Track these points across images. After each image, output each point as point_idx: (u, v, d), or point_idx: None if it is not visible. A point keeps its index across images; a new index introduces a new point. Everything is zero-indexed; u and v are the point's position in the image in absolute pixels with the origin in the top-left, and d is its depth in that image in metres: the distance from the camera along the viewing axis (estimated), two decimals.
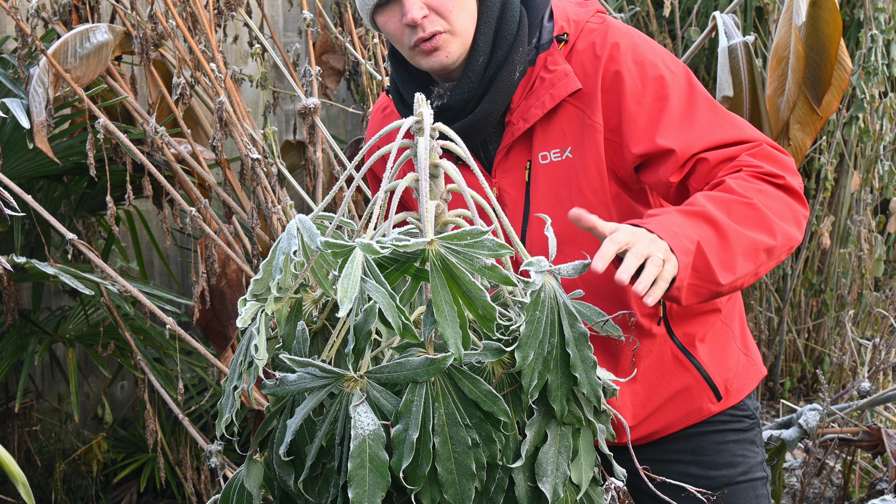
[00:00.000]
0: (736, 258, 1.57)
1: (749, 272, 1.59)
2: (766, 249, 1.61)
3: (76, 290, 2.62)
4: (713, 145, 1.68)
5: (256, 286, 1.26)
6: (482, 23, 1.72)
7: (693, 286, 1.53)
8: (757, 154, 1.68)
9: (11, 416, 3.53)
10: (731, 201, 1.60)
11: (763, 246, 1.60)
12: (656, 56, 1.72)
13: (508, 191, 1.77)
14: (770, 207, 1.62)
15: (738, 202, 1.60)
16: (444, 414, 1.20)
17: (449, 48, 1.70)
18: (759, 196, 1.62)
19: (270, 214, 2.85)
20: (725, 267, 1.55)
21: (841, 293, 4.29)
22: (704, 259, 1.53)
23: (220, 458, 2.46)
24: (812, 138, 2.66)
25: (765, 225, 1.61)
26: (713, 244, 1.54)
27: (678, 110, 1.69)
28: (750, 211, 1.60)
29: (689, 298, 1.53)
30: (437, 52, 1.70)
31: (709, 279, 1.54)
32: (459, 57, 1.72)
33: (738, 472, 1.86)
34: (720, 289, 1.55)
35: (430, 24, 1.68)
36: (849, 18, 4.12)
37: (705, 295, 1.56)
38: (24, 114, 2.67)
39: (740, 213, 1.60)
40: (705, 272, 1.53)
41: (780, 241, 1.62)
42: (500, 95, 1.71)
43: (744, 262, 1.58)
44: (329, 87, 3.60)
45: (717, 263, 1.54)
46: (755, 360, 1.90)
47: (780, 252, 1.63)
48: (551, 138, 1.73)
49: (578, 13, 1.76)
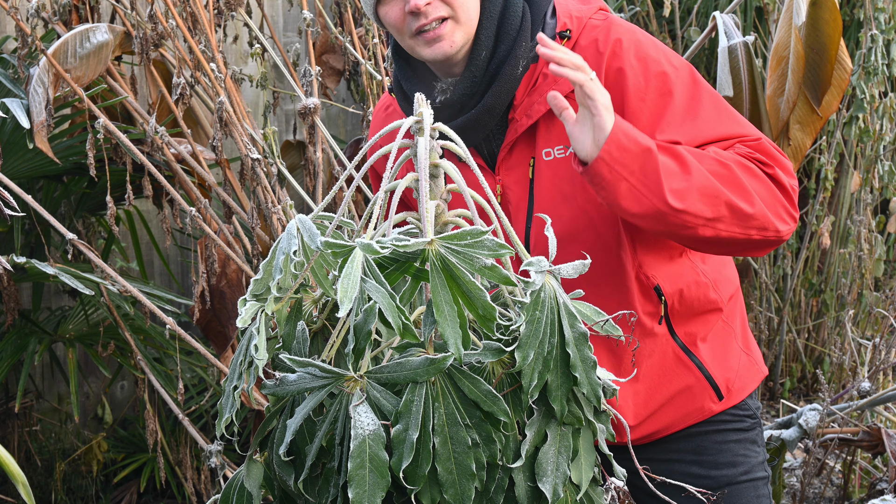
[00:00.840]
0: (691, 190, 1.56)
1: (704, 216, 1.58)
2: (730, 205, 1.59)
3: (76, 290, 2.62)
4: (714, 139, 1.69)
5: (256, 286, 1.26)
6: (485, 17, 1.72)
7: (635, 189, 1.54)
8: (753, 146, 1.69)
9: (11, 416, 3.54)
10: (705, 155, 1.62)
11: (726, 198, 1.59)
12: (659, 52, 1.73)
13: (512, 188, 1.77)
14: (748, 181, 1.62)
15: (712, 158, 1.62)
16: (444, 414, 1.20)
17: (454, 36, 1.69)
18: (739, 167, 1.63)
19: (270, 214, 2.85)
20: (677, 193, 1.55)
21: (841, 293, 4.30)
22: (654, 166, 1.54)
23: (220, 458, 2.46)
24: (812, 138, 2.66)
25: (736, 185, 1.61)
26: (670, 167, 1.56)
27: (681, 107, 1.69)
28: (722, 168, 1.61)
29: (627, 199, 1.55)
30: (441, 42, 1.69)
31: (655, 192, 1.54)
32: (462, 47, 1.71)
33: (740, 471, 1.86)
34: (665, 209, 1.55)
35: (434, 10, 1.67)
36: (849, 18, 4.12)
37: (647, 207, 1.56)
38: (24, 114, 2.67)
39: (712, 165, 1.60)
40: (653, 180, 1.54)
41: (750, 208, 1.61)
42: (503, 90, 1.71)
43: (699, 200, 1.57)
44: (329, 87, 3.60)
45: (668, 182, 1.55)
46: (756, 360, 1.90)
47: (749, 223, 1.62)
48: (555, 135, 1.74)
49: (581, 10, 1.76)
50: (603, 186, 1.56)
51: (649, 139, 1.58)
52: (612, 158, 1.52)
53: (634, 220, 1.61)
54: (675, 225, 1.58)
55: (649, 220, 1.58)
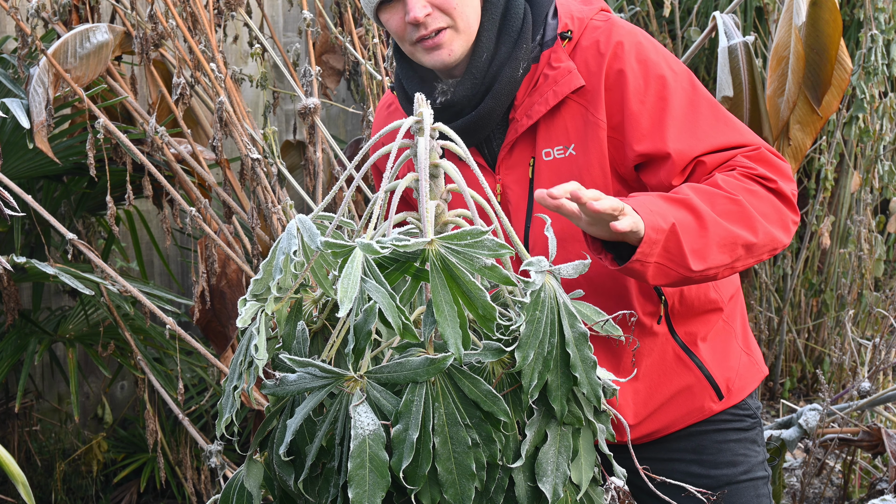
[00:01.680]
0: (710, 247, 1.58)
1: (724, 264, 1.61)
2: (745, 245, 1.62)
3: (76, 290, 2.62)
4: (712, 149, 1.69)
5: (256, 286, 1.26)
6: (486, 19, 1.72)
7: (662, 266, 1.55)
8: (753, 157, 1.69)
9: (11, 416, 3.53)
10: (715, 194, 1.62)
11: (742, 241, 1.61)
12: (659, 56, 1.73)
13: (512, 187, 1.77)
14: (755, 206, 1.64)
15: (722, 196, 1.62)
16: (444, 414, 1.20)
17: (452, 45, 1.70)
18: (745, 194, 1.64)
19: (270, 214, 2.85)
20: (698, 255, 1.57)
21: (841, 293, 4.30)
22: (677, 241, 1.55)
23: (220, 458, 2.46)
24: (812, 138, 2.66)
25: (747, 221, 1.62)
26: (689, 229, 1.56)
27: (680, 111, 1.70)
28: (733, 206, 1.62)
29: (656, 278, 1.56)
30: (440, 50, 1.70)
31: (679, 262, 1.56)
32: (462, 54, 1.72)
33: (740, 471, 1.86)
34: (690, 274, 1.58)
35: (434, 21, 1.68)
36: (849, 18, 4.12)
37: (674, 278, 1.58)
38: (24, 114, 2.67)
39: (723, 206, 1.61)
40: (677, 254, 1.55)
41: (761, 239, 1.63)
42: (503, 92, 1.72)
43: (719, 252, 1.59)
44: (329, 87, 3.60)
45: (689, 248, 1.56)
46: (757, 360, 1.91)
47: (762, 251, 1.65)
48: (555, 135, 1.74)
49: (583, 11, 1.76)
50: (632, 274, 1.58)
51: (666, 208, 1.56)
52: (644, 255, 1.53)
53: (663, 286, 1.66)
54: (699, 280, 1.62)
55: (675, 285, 1.63)
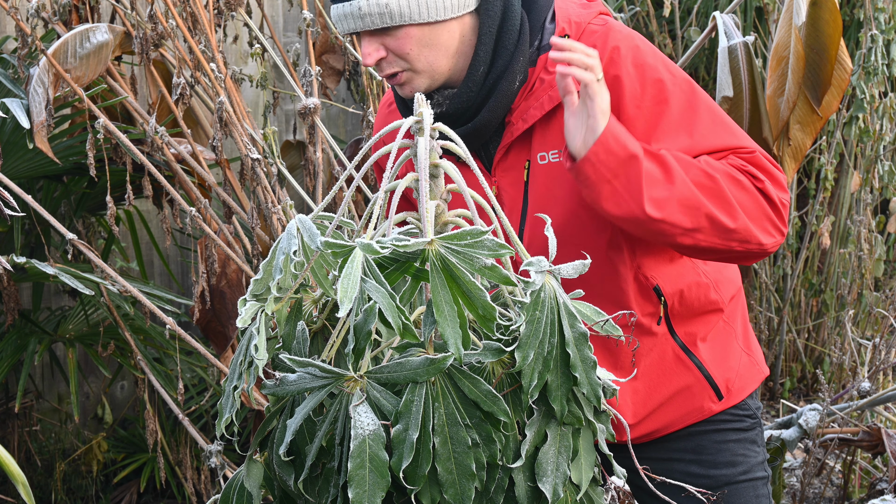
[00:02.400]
0: (671, 201, 1.58)
1: (682, 226, 1.59)
2: (710, 217, 1.60)
3: (76, 290, 2.62)
4: (709, 150, 1.69)
5: (256, 286, 1.26)
6: (483, 33, 1.71)
7: (616, 191, 1.56)
8: (747, 159, 1.69)
9: (11, 416, 3.54)
10: (693, 164, 1.62)
11: (707, 210, 1.60)
12: (657, 60, 1.72)
13: (507, 190, 1.77)
14: (734, 193, 1.63)
15: (700, 168, 1.62)
16: (444, 414, 1.20)
17: (413, 83, 1.72)
18: (726, 178, 1.63)
19: (270, 214, 2.85)
20: (656, 203, 1.57)
21: (841, 293, 4.30)
22: (637, 172, 1.55)
23: (220, 458, 2.46)
24: (812, 138, 2.66)
25: (719, 197, 1.61)
26: (654, 175, 1.57)
27: (677, 116, 1.69)
28: (707, 180, 1.61)
29: (608, 202, 1.57)
30: (402, 87, 1.73)
31: (635, 197, 1.56)
32: (430, 87, 1.73)
33: (739, 471, 1.86)
34: (641, 216, 1.57)
35: (389, 66, 1.71)
36: (849, 18, 4.12)
37: (626, 212, 1.58)
38: (24, 114, 2.67)
39: (697, 176, 1.61)
40: (634, 186, 1.55)
41: (736, 223, 1.62)
42: (499, 105, 1.72)
43: (679, 210, 1.59)
44: (329, 87, 3.60)
45: (648, 188, 1.56)
46: (757, 360, 1.90)
47: (731, 236, 1.63)
48: (550, 139, 1.74)
49: (581, 14, 1.76)
50: (587, 185, 1.58)
51: (639, 146, 1.59)
52: (598, 160, 1.54)
53: (614, 221, 1.63)
54: (653, 232, 1.61)
55: (627, 223, 1.61)
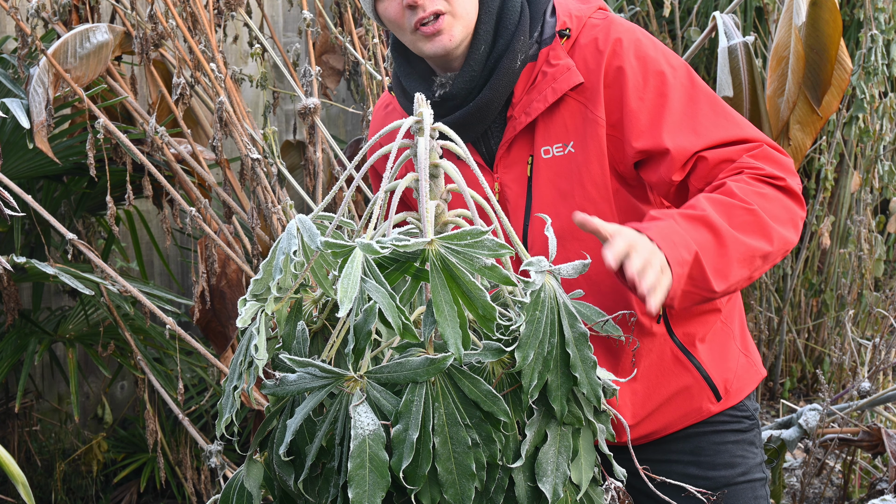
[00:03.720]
0: (731, 265, 1.59)
1: (743, 277, 1.62)
2: (763, 255, 1.63)
3: (76, 290, 2.62)
4: (713, 144, 1.69)
5: (256, 286, 1.26)
6: (484, 12, 1.73)
7: (687, 292, 1.56)
8: (757, 155, 1.69)
9: (11, 416, 3.53)
10: (731, 206, 1.62)
11: (760, 253, 1.63)
12: (658, 52, 1.73)
13: (510, 186, 1.77)
14: (769, 212, 1.64)
15: (738, 207, 1.62)
16: (444, 414, 1.20)
17: (452, 30, 1.70)
18: (759, 200, 1.64)
19: (270, 214, 2.85)
20: (720, 275, 1.58)
21: (841, 293, 4.29)
22: (700, 268, 1.56)
23: (220, 458, 2.46)
24: (812, 138, 2.66)
25: (763, 231, 1.63)
26: (710, 252, 1.57)
27: (679, 107, 1.70)
28: (750, 217, 1.62)
29: (682, 303, 1.57)
30: (441, 36, 1.70)
31: (703, 286, 1.57)
32: (462, 41, 1.72)
33: (737, 472, 1.86)
34: (714, 295, 1.59)
35: (431, 3, 1.68)
36: (849, 18, 4.12)
37: (698, 300, 1.60)
38: (24, 114, 2.67)
39: (740, 218, 1.61)
40: (700, 280, 1.56)
41: (776, 246, 1.64)
42: (501, 83, 1.72)
43: (739, 268, 1.61)
44: (329, 87, 3.60)
45: (712, 271, 1.57)
46: (755, 361, 1.90)
47: (776, 256, 1.66)
48: (553, 133, 1.74)
49: (581, 9, 1.77)
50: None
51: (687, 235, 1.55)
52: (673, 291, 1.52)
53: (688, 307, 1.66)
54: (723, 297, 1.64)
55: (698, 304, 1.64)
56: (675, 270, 1.51)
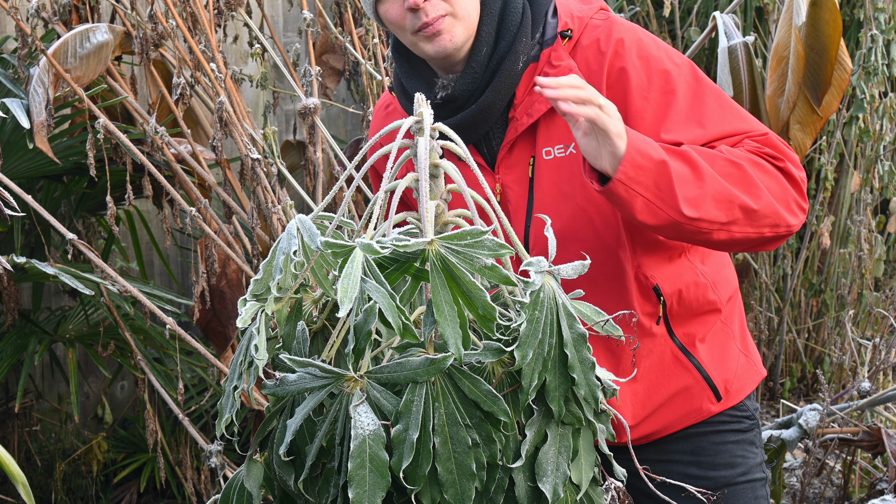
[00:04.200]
0: (705, 198, 1.57)
1: (718, 221, 1.59)
2: (743, 207, 1.60)
3: (76, 290, 2.62)
4: (719, 136, 1.69)
5: (256, 286, 1.26)
6: (485, 13, 1.73)
7: (650, 203, 1.54)
8: (761, 141, 1.69)
9: (11, 416, 3.54)
10: (717, 156, 1.62)
11: (740, 202, 1.60)
12: (660, 51, 1.73)
13: (512, 187, 1.77)
14: (760, 178, 1.63)
15: (724, 159, 1.62)
16: (444, 414, 1.20)
17: (453, 31, 1.70)
18: (749, 164, 1.63)
19: (270, 214, 2.85)
20: (691, 202, 1.56)
21: (841, 293, 4.29)
22: (668, 179, 1.54)
23: (220, 458, 2.46)
24: (812, 138, 2.66)
25: (748, 185, 1.61)
26: (683, 175, 1.56)
27: (684, 105, 1.69)
28: (734, 169, 1.61)
29: (643, 213, 1.56)
30: (441, 36, 1.69)
31: (670, 203, 1.55)
32: (463, 42, 1.71)
33: (738, 472, 1.86)
34: (681, 219, 1.57)
35: (433, 9, 1.68)
36: (849, 18, 4.12)
37: (663, 219, 1.57)
38: (24, 114, 2.67)
39: (724, 168, 1.61)
40: (667, 193, 1.55)
41: (762, 207, 1.62)
42: (503, 85, 1.72)
43: (714, 206, 1.58)
44: (329, 87, 3.60)
45: (681, 190, 1.55)
46: (755, 362, 1.90)
47: (762, 222, 1.63)
48: (555, 134, 1.74)
49: (582, 10, 1.77)
50: (619, 204, 1.57)
51: (661, 150, 1.57)
52: (628, 178, 1.52)
53: (652, 230, 1.63)
54: (691, 232, 1.60)
55: (665, 230, 1.60)
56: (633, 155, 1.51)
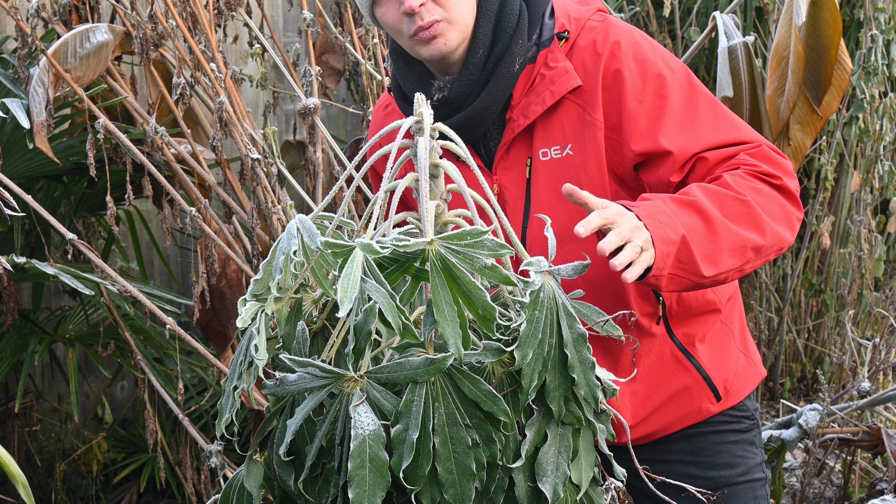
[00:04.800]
0: (721, 253, 1.59)
1: (734, 268, 1.61)
2: (755, 248, 1.62)
3: (76, 290, 2.62)
4: (713, 145, 1.69)
5: (256, 286, 1.26)
6: (482, 15, 1.73)
7: (674, 276, 1.55)
8: (756, 154, 1.69)
9: (11, 416, 3.54)
10: (724, 196, 1.62)
11: (751, 244, 1.62)
12: (657, 55, 1.73)
13: (509, 188, 1.77)
14: (763, 206, 1.64)
15: (731, 197, 1.62)
16: (444, 414, 1.20)
17: (448, 35, 1.70)
18: (753, 194, 1.63)
19: (270, 214, 2.85)
20: (709, 261, 1.57)
21: (841, 293, 4.29)
22: (689, 251, 1.55)
23: (220, 458, 2.46)
24: (812, 138, 2.66)
25: (756, 223, 1.62)
26: (700, 236, 1.56)
27: (678, 109, 1.69)
28: (742, 207, 1.62)
29: (669, 286, 1.57)
30: (436, 40, 1.70)
31: (692, 271, 1.56)
32: (458, 46, 1.72)
33: (737, 472, 1.86)
34: (702, 280, 1.58)
35: (428, 13, 1.68)
36: (849, 18, 4.12)
37: (686, 285, 1.58)
38: (24, 114, 2.67)
39: (732, 208, 1.61)
40: (689, 263, 1.55)
41: (769, 240, 1.64)
42: (499, 87, 1.72)
43: (730, 257, 1.60)
44: (329, 87, 3.60)
45: (701, 256, 1.56)
46: (755, 362, 1.90)
47: (769, 251, 1.65)
48: (552, 135, 1.74)
49: (580, 11, 1.77)
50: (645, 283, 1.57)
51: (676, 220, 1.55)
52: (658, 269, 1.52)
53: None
54: (710, 285, 1.62)
55: (687, 290, 1.63)
56: (660, 248, 1.50)
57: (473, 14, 1.73)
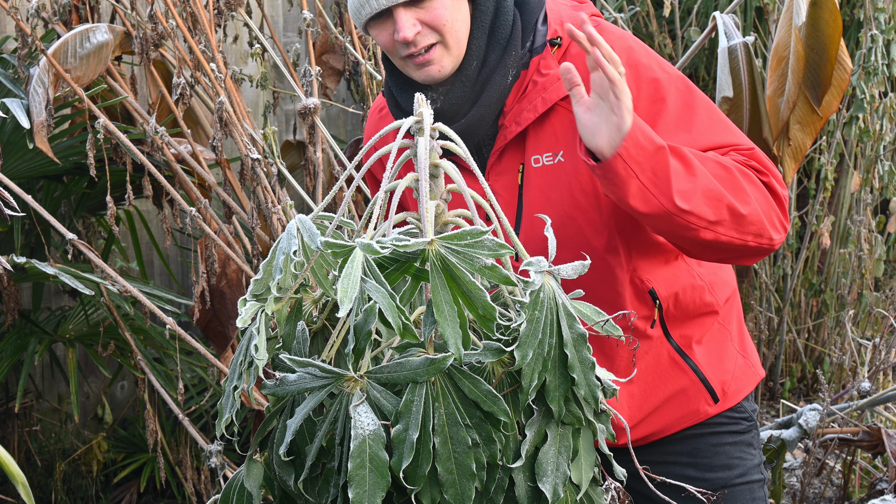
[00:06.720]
0: (696, 193, 1.56)
1: (706, 219, 1.58)
2: (731, 209, 1.60)
3: (76, 290, 2.62)
4: (707, 147, 1.69)
5: (256, 286, 1.26)
6: (475, 27, 1.71)
7: (645, 189, 1.53)
8: (748, 155, 1.69)
9: (11, 416, 3.54)
10: (707, 158, 1.62)
11: (728, 202, 1.59)
12: (651, 59, 1.72)
13: (501, 193, 1.77)
14: (748, 186, 1.63)
15: (714, 161, 1.62)
16: (444, 414, 1.20)
17: (442, 61, 1.69)
18: (739, 172, 1.63)
19: (270, 214, 2.85)
20: (684, 195, 1.55)
21: (841, 293, 4.30)
22: (665, 167, 1.53)
23: (220, 458, 2.46)
24: (812, 138, 2.66)
25: (737, 190, 1.61)
26: (678, 170, 1.55)
27: (674, 114, 1.69)
28: (724, 172, 1.61)
29: (635, 198, 1.54)
30: (430, 66, 1.69)
31: (663, 191, 1.54)
32: (452, 70, 1.71)
33: (735, 474, 1.86)
34: (671, 209, 1.55)
35: (423, 39, 1.67)
36: (849, 18, 4.12)
37: (655, 208, 1.56)
38: (24, 114, 2.67)
39: (714, 169, 1.61)
40: (662, 180, 1.54)
41: (749, 214, 1.61)
42: (492, 100, 1.71)
43: (704, 202, 1.57)
44: (329, 87, 3.61)
45: (675, 180, 1.55)
46: (753, 363, 1.90)
47: (747, 228, 1.62)
48: (544, 142, 1.73)
49: (573, 17, 1.75)
50: (614, 182, 1.54)
51: (661, 139, 1.56)
52: (629, 155, 1.51)
53: (641, 218, 1.61)
54: (679, 226, 1.58)
55: (655, 219, 1.58)
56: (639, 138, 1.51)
57: (468, 31, 1.70)
